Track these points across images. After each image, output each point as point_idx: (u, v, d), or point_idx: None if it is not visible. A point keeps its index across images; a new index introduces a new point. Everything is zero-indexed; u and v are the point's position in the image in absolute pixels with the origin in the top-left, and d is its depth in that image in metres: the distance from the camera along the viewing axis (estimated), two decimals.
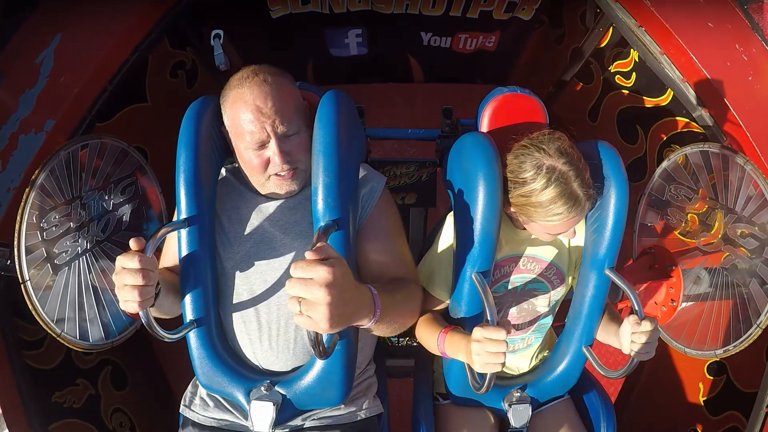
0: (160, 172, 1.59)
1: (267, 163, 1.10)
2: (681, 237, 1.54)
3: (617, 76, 2.14)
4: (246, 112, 1.06)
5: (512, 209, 1.14)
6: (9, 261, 1.28)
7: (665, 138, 1.92)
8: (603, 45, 2.15)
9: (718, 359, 1.60)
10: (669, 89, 1.82)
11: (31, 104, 1.44)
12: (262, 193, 1.18)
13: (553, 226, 1.10)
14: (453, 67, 2.50)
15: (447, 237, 1.22)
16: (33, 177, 1.25)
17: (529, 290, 1.26)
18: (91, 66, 1.52)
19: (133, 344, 1.56)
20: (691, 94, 1.60)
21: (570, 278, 1.29)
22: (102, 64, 1.55)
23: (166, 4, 1.71)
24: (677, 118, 1.85)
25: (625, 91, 2.11)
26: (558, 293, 1.28)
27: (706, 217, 1.49)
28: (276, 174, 1.12)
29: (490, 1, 2.07)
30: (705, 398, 1.72)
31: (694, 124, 1.77)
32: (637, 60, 1.99)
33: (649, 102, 1.97)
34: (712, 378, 1.70)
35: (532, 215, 1.09)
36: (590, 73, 2.31)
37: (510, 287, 1.24)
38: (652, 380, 1.98)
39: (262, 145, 1.09)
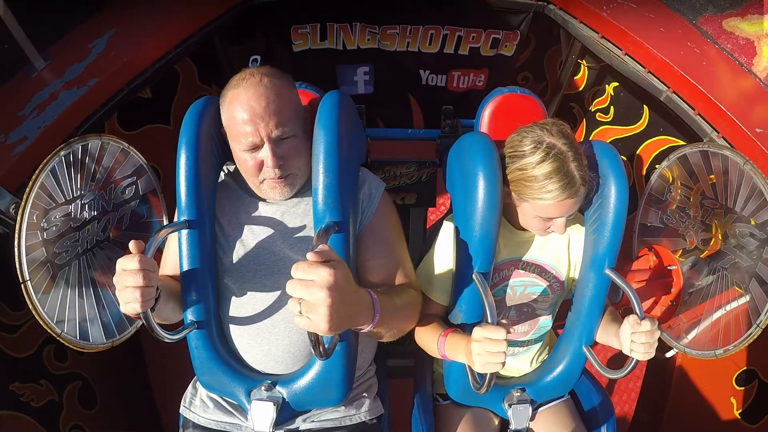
0: (170, 193, 1.62)
1: (261, 165, 1.08)
2: (681, 237, 1.54)
3: (597, 113, 2.37)
4: (240, 112, 1.04)
5: (508, 188, 1.14)
6: (14, 210, 1.30)
7: (650, 160, 2.07)
8: (581, 88, 2.41)
9: (744, 368, 1.63)
10: (644, 113, 2.06)
11: (78, 71, 1.58)
12: (259, 196, 1.18)
13: (545, 206, 1.08)
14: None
15: (445, 240, 1.22)
16: (34, 177, 1.25)
17: (528, 293, 1.25)
18: (138, 48, 1.69)
19: (117, 360, 1.59)
20: (655, 81, 1.74)
21: (569, 282, 1.29)
22: (146, 51, 1.72)
23: (207, 16, 1.94)
24: (657, 138, 2.03)
25: (607, 126, 2.32)
26: (557, 296, 1.28)
27: (705, 217, 1.49)
28: (270, 178, 1.10)
29: (477, 37, 2.33)
30: (740, 411, 1.70)
31: (673, 139, 1.95)
32: (612, 93, 2.25)
33: (629, 130, 2.18)
34: (743, 389, 1.69)
35: (525, 192, 1.09)
36: (573, 117, 2.52)
37: (509, 291, 1.24)
38: (678, 407, 1.95)
39: (256, 148, 1.07)
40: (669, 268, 1.44)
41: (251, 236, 1.16)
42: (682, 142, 1.87)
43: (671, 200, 1.56)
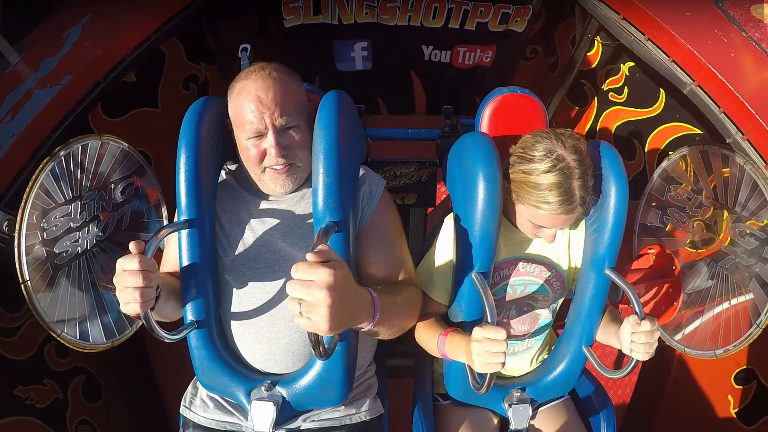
0: (162, 179, 1.61)
1: (264, 154, 1.10)
2: (681, 237, 1.54)
3: (610, 93, 2.21)
4: (248, 102, 1.08)
5: (509, 185, 1.14)
6: (7, 227, 1.27)
7: (663, 146, 1.95)
8: (594, 65, 2.25)
9: (744, 367, 1.61)
10: (660, 97, 1.90)
11: (52, 66, 1.49)
12: (260, 189, 1.18)
13: (539, 215, 1.09)
14: (452, 86, 2.57)
15: (446, 239, 1.22)
16: (34, 176, 1.25)
17: (528, 293, 1.25)
18: (114, 36, 1.58)
19: (120, 358, 1.56)
20: (679, 72, 1.62)
21: (569, 281, 1.29)
22: (124, 37, 1.62)
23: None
24: (672, 124, 1.89)
25: (620, 107, 2.17)
26: (558, 296, 1.28)
27: (705, 217, 1.49)
28: (271, 167, 1.12)
29: (486, 12, 2.16)
30: (737, 410, 1.69)
31: (689, 127, 1.81)
32: (627, 73, 2.08)
33: (643, 113, 2.04)
34: (741, 387, 1.67)
35: (524, 195, 1.09)
36: (584, 95, 2.38)
37: (510, 290, 1.24)
38: (676, 399, 1.93)
39: (260, 136, 1.10)
40: (669, 268, 1.44)
41: (252, 234, 1.16)
42: (699, 131, 1.77)
43: (671, 200, 1.56)
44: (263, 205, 1.18)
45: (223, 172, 1.24)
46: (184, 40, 2.06)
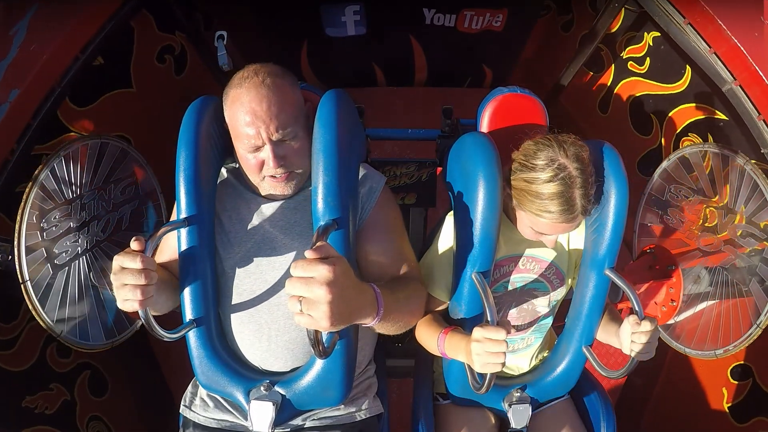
0: (148, 162, 1.57)
1: (262, 164, 1.10)
2: (681, 237, 1.54)
3: (630, 62, 2.02)
4: (242, 114, 1.06)
5: (510, 191, 1.14)
6: (9, 257, 1.25)
7: (682, 127, 1.82)
8: (614, 30, 2.03)
9: (742, 362, 1.59)
10: (686, 74, 1.73)
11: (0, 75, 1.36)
12: (260, 193, 1.18)
13: (541, 223, 1.09)
14: (457, 52, 2.40)
15: (446, 237, 1.22)
16: (34, 176, 1.25)
17: (529, 290, 1.25)
18: (62, 33, 1.44)
19: (123, 349, 1.51)
20: (719, 66, 1.48)
21: (570, 279, 1.29)
22: (73, 32, 1.47)
23: None
24: (695, 104, 1.75)
25: (639, 78, 2.00)
26: (558, 293, 1.28)
27: (706, 218, 1.49)
28: (270, 176, 1.11)
29: None
30: (729, 404, 1.65)
31: (715, 110, 1.66)
32: (651, 44, 1.88)
33: (665, 89, 1.88)
34: (736, 382, 1.64)
35: (525, 203, 1.09)
36: (600, 60, 2.17)
37: (510, 287, 1.24)
38: (670, 386, 1.90)
39: (258, 148, 1.09)
40: (669, 268, 1.44)
41: (252, 232, 1.16)
42: (724, 117, 1.63)
43: (671, 200, 1.56)
44: (263, 203, 1.18)
45: (223, 170, 1.24)
46: (152, 10, 1.86)
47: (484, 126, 1.31)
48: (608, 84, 2.16)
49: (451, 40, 2.30)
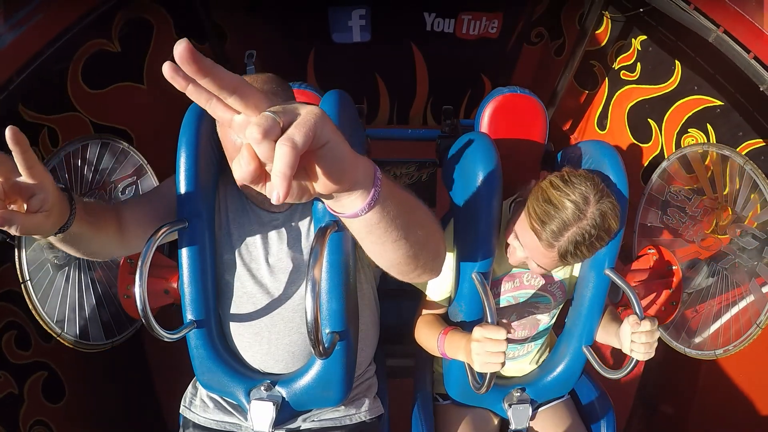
0: (149, 160, 1.56)
1: None
2: (681, 237, 1.54)
3: (622, 71, 2.09)
4: (233, 135, 1.00)
5: (533, 186, 1.08)
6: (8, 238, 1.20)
7: (681, 124, 1.82)
8: (603, 43, 2.10)
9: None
10: (676, 69, 1.76)
11: None
12: (259, 204, 1.17)
13: (526, 231, 1.05)
14: (457, 60, 2.43)
15: (446, 238, 1.22)
16: None
17: (531, 303, 1.25)
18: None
19: (93, 360, 1.44)
20: (702, 19, 1.45)
21: (571, 289, 1.27)
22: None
23: None
24: (690, 98, 1.75)
25: (632, 86, 2.05)
26: (559, 304, 1.28)
27: (705, 217, 1.49)
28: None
29: None
30: None
31: (709, 98, 1.66)
32: (639, 48, 1.94)
33: (658, 89, 1.91)
34: None
35: (533, 200, 1.04)
36: (594, 77, 2.23)
37: (512, 300, 1.24)
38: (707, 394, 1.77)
39: None
40: (669, 268, 1.45)
41: (252, 234, 1.16)
42: (719, 102, 1.62)
43: (671, 200, 1.56)
44: (263, 209, 1.17)
45: (226, 174, 1.24)
46: (172, 11, 1.89)
47: (484, 126, 1.31)
48: (603, 99, 2.21)
49: (451, 48, 2.35)
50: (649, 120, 1.99)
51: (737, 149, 1.47)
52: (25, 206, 0.76)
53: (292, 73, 2.53)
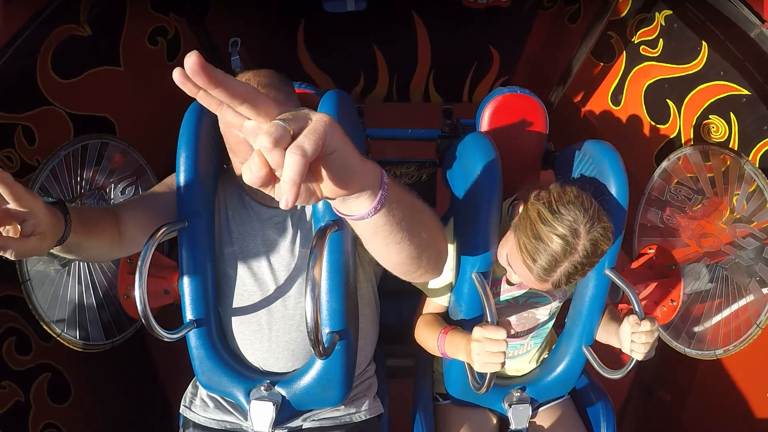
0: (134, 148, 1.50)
1: None
2: (681, 237, 1.54)
3: (642, 46, 1.94)
4: (236, 130, 1.01)
5: (521, 207, 1.07)
6: None
7: (702, 109, 1.72)
8: (624, 14, 1.96)
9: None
10: (702, 51, 1.66)
11: None
12: (259, 200, 1.17)
13: (516, 257, 1.04)
14: (463, 30, 2.28)
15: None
16: (34, 176, 1.25)
17: (531, 302, 1.25)
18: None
19: (95, 357, 1.41)
20: (746, 11, 1.36)
21: (571, 288, 1.28)
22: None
23: None
24: (715, 82, 1.66)
25: (652, 63, 1.92)
26: (559, 303, 1.28)
27: (705, 217, 1.49)
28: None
29: None
30: None
31: (735, 86, 1.58)
32: (663, 24, 1.82)
33: (680, 70, 1.79)
34: None
35: (522, 231, 1.02)
36: (611, 49, 2.07)
37: (512, 301, 1.23)
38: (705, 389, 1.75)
39: None
40: (669, 268, 1.45)
41: (252, 233, 1.16)
42: (746, 92, 1.53)
43: (671, 200, 1.56)
44: (263, 206, 1.17)
45: (226, 171, 1.24)
46: None
47: (484, 126, 1.31)
48: (620, 73, 2.07)
49: (457, 17, 2.17)
50: (668, 101, 1.88)
51: (761, 143, 1.40)
52: (19, 228, 0.76)
53: (280, 50, 2.32)
